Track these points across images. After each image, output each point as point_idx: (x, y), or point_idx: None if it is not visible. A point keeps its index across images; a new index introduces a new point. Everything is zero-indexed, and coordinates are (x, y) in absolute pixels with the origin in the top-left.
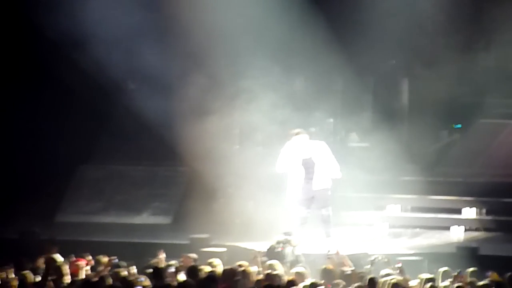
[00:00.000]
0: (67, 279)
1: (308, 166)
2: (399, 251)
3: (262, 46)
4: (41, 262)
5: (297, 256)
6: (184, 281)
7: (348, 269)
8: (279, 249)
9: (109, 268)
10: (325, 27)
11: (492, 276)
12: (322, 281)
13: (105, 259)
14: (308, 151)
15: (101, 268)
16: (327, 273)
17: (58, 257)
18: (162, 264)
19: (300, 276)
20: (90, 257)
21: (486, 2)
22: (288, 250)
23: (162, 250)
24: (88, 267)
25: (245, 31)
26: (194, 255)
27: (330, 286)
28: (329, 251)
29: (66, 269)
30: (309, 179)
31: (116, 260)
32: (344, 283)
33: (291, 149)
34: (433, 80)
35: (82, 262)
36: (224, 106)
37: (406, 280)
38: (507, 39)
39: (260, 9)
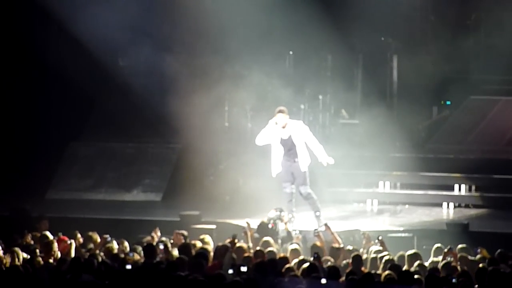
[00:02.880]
0: (56, 256)
1: (286, 146)
2: (389, 227)
3: (251, 24)
4: (29, 239)
5: (288, 233)
6: (176, 258)
7: (337, 246)
8: (270, 226)
9: (101, 246)
10: (314, 4)
11: (481, 252)
12: (312, 258)
13: (96, 236)
14: (286, 131)
15: (91, 245)
16: (315, 250)
17: (48, 234)
18: (155, 241)
19: (295, 253)
20: (79, 235)
21: None
22: (280, 226)
23: (157, 228)
24: (75, 245)
25: (234, 10)
26: (184, 232)
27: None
28: (316, 228)
29: (55, 246)
30: (287, 156)
31: (109, 239)
32: (332, 259)
33: (272, 126)
34: (423, 57)
35: (71, 241)
36: (213, 83)
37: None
38: (496, 15)
39: None
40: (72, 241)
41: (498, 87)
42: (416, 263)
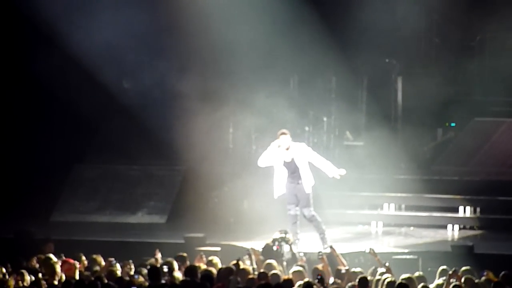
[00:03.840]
0: (61, 278)
1: (290, 168)
2: (394, 249)
3: (256, 47)
4: (35, 262)
5: (293, 254)
6: (181, 281)
7: (342, 268)
8: (275, 248)
9: (106, 269)
10: (319, 26)
11: (488, 275)
12: (316, 281)
13: (100, 258)
14: (289, 153)
15: (97, 268)
16: (317, 273)
17: (52, 257)
18: (158, 264)
19: (298, 275)
20: (84, 258)
21: (480, 0)
22: (285, 248)
23: (157, 250)
24: (79, 267)
25: (239, 33)
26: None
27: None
28: (320, 251)
29: (58, 268)
30: (291, 178)
31: (114, 262)
32: (339, 281)
33: (274, 148)
34: (427, 79)
35: (75, 262)
36: (218, 106)
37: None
38: (501, 37)
39: (255, 10)
40: (76, 263)
41: (503, 109)
42: (420, 286)
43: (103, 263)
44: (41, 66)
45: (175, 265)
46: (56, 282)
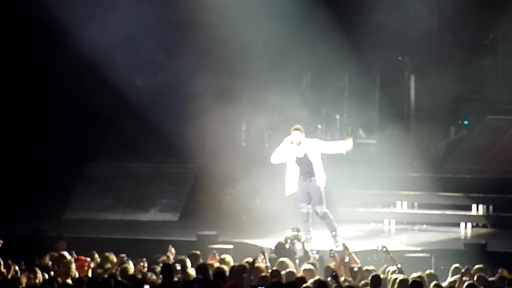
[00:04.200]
0: (74, 276)
1: (302, 164)
2: (406, 247)
3: (269, 44)
4: (47, 259)
5: (306, 252)
6: (193, 278)
7: (355, 266)
8: (288, 246)
9: (117, 266)
10: (332, 24)
11: (502, 272)
12: (328, 279)
13: (113, 256)
14: (302, 149)
15: (109, 265)
16: (328, 271)
17: (66, 255)
18: (171, 261)
19: (309, 273)
20: (97, 255)
21: None
22: (297, 246)
23: (171, 246)
24: (92, 265)
25: (251, 31)
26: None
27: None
28: (332, 249)
29: (73, 266)
30: (303, 176)
31: (126, 258)
32: (351, 279)
33: (287, 144)
34: (440, 76)
35: (87, 259)
36: (231, 103)
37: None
38: None
39: (267, 8)
40: (90, 260)
41: None
42: (432, 284)
43: (115, 260)
44: (55, 66)
45: (188, 262)
46: (69, 281)
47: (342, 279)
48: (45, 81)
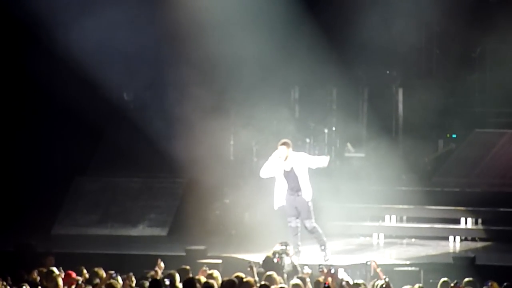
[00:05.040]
0: None
1: (289, 178)
2: (395, 261)
3: (257, 59)
4: (36, 275)
5: (294, 267)
6: None
7: (344, 281)
8: (276, 260)
9: (106, 281)
10: (320, 38)
11: (492, 285)
12: None
13: (102, 271)
14: (288, 163)
15: (97, 281)
16: (318, 286)
17: (55, 270)
18: (159, 276)
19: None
20: (85, 271)
21: (480, 12)
22: (286, 260)
23: (159, 260)
24: (81, 281)
25: (240, 46)
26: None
27: None
28: (320, 264)
29: (60, 282)
30: (290, 190)
31: (115, 275)
32: None
33: (275, 158)
34: (428, 90)
35: (75, 275)
36: (219, 118)
37: None
38: (501, 49)
39: (255, 23)
40: (78, 276)
41: (504, 120)
42: None
43: (104, 276)
44: (43, 78)
45: (177, 277)
46: None
47: None
48: (33, 95)
